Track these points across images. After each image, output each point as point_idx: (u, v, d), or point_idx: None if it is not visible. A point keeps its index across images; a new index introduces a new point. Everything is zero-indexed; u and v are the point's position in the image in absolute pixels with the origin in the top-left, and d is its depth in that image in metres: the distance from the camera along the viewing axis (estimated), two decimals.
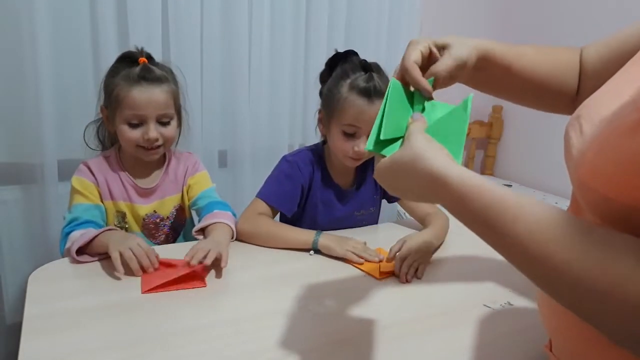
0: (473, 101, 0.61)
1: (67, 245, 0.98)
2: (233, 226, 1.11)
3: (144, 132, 1.08)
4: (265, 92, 1.82)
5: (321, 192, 1.21)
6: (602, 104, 0.48)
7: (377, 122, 0.59)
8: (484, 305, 0.87)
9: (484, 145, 2.63)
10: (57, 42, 1.46)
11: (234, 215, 1.16)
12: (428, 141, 0.54)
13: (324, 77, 1.17)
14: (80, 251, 0.95)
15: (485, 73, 0.68)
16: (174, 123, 1.13)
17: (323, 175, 1.21)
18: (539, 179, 2.33)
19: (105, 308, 0.80)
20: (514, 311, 0.86)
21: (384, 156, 0.58)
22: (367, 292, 0.91)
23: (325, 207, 1.22)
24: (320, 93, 1.18)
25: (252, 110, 1.81)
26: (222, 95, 1.76)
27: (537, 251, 0.43)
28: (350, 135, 1.08)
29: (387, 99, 0.60)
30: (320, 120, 1.18)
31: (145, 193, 1.17)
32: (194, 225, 1.22)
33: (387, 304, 0.87)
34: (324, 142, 1.22)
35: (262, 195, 1.16)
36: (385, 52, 2.03)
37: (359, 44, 1.95)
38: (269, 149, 1.87)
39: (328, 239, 1.06)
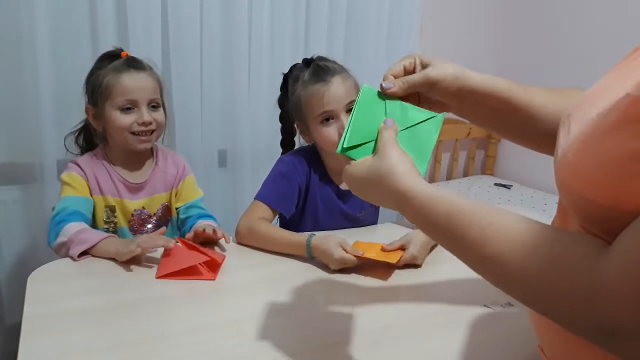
0: None
1: (61, 239, 0.99)
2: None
3: (137, 117, 1.10)
4: (265, 92, 1.81)
5: (320, 190, 1.21)
6: (592, 103, 0.46)
7: (346, 126, 0.61)
8: (484, 305, 0.87)
9: (484, 145, 2.63)
10: (56, 43, 1.46)
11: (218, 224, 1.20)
12: (399, 155, 0.57)
13: (282, 100, 1.23)
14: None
15: (480, 106, 0.65)
16: (162, 110, 1.17)
17: (320, 174, 1.21)
18: (539, 179, 2.33)
19: (105, 308, 0.80)
20: (514, 312, 0.86)
21: (352, 159, 0.60)
22: (368, 292, 0.91)
23: (326, 206, 1.22)
24: (282, 117, 1.25)
25: (252, 110, 1.81)
26: (221, 95, 1.76)
27: (489, 252, 0.47)
28: (329, 121, 1.10)
29: (356, 105, 0.62)
30: (302, 133, 1.20)
31: (135, 189, 1.19)
32: (178, 225, 1.29)
33: (388, 304, 0.87)
34: None
35: (260, 197, 1.16)
36: (385, 52, 2.02)
37: (359, 44, 1.96)
38: (269, 149, 1.86)
39: (318, 240, 0.99)
